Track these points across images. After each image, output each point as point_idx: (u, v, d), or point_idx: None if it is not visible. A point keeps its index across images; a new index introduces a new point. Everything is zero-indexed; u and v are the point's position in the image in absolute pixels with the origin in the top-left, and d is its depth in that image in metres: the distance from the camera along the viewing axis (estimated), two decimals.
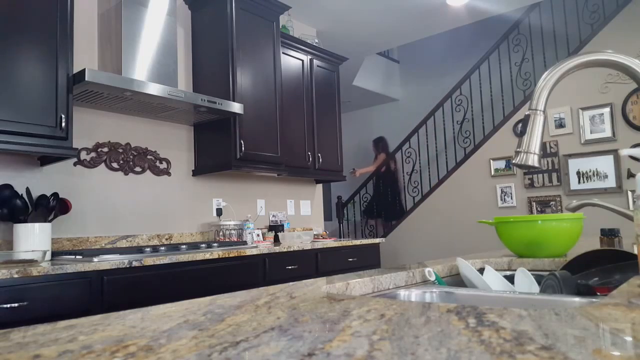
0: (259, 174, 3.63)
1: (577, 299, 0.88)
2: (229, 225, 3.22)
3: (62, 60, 2.31)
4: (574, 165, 4.60)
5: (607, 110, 4.48)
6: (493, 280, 1.14)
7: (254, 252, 2.74)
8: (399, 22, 4.60)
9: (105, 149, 2.85)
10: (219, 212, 3.38)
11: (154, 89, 2.57)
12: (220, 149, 3.17)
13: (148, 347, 0.48)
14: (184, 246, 2.54)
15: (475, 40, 6.47)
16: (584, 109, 4.60)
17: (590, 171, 4.52)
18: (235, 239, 3.19)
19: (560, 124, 4.72)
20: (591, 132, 4.56)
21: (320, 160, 3.95)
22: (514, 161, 0.97)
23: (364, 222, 6.69)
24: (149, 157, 3.06)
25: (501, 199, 5.02)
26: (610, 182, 4.40)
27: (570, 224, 1.41)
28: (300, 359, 0.41)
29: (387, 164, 6.25)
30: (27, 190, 2.36)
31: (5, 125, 2.08)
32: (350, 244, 3.59)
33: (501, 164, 5.06)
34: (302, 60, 3.93)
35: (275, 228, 3.63)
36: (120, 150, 2.91)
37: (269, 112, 3.40)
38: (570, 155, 4.63)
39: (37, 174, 2.54)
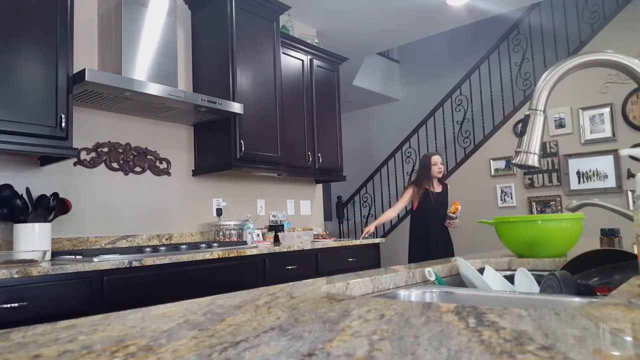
0: (259, 174, 3.63)
1: (577, 299, 0.88)
2: (229, 225, 3.22)
3: (62, 60, 2.30)
4: (574, 165, 4.60)
5: (607, 110, 4.48)
6: (493, 280, 1.14)
7: (254, 252, 2.73)
8: (399, 22, 4.60)
9: (105, 149, 2.85)
10: (219, 212, 3.38)
11: (154, 89, 2.57)
12: (220, 149, 3.17)
13: (148, 347, 0.48)
14: (184, 246, 2.54)
15: (475, 40, 6.47)
16: (584, 109, 4.60)
17: (590, 171, 4.52)
18: (235, 239, 3.19)
19: (560, 124, 4.72)
20: (591, 132, 4.56)
21: (320, 160, 3.95)
22: (514, 161, 0.97)
23: (364, 223, 6.70)
24: (149, 157, 3.06)
25: (501, 199, 5.02)
26: (610, 182, 4.40)
27: (570, 224, 1.41)
28: (300, 359, 0.41)
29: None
30: (27, 190, 2.36)
31: (5, 125, 2.08)
32: (350, 244, 3.59)
33: (501, 164, 5.06)
34: (302, 60, 3.93)
35: (275, 228, 3.63)
36: (120, 150, 2.91)
37: (269, 112, 3.40)
38: (570, 155, 4.62)
39: (37, 174, 2.53)
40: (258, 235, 3.38)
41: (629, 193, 4.29)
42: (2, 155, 2.39)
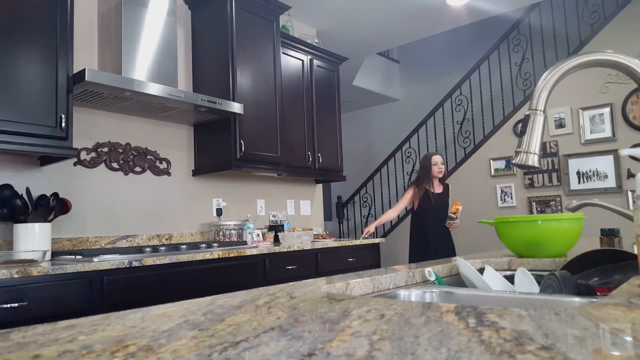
0: (259, 174, 3.63)
1: (577, 299, 0.88)
2: (229, 225, 3.22)
3: (62, 60, 2.30)
4: (574, 165, 4.60)
5: (607, 110, 4.48)
6: (493, 280, 1.14)
7: (254, 252, 2.73)
8: (399, 22, 4.60)
9: (105, 149, 2.85)
10: (219, 212, 3.38)
11: (154, 89, 2.57)
12: (220, 149, 3.17)
13: (148, 347, 0.48)
14: (184, 246, 2.54)
15: (475, 40, 6.47)
16: (584, 109, 4.60)
17: (590, 171, 4.52)
18: (235, 239, 3.19)
19: (560, 124, 4.72)
20: (591, 132, 4.56)
21: (320, 160, 3.95)
22: (514, 161, 0.97)
23: (364, 223, 6.70)
24: (149, 157, 3.06)
25: (501, 199, 5.02)
26: (610, 182, 4.40)
27: (570, 224, 1.41)
28: (300, 359, 0.41)
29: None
30: (27, 190, 2.36)
31: (5, 125, 2.08)
32: (350, 244, 3.59)
33: (501, 164, 5.06)
34: (302, 60, 3.93)
35: (275, 228, 3.63)
36: (120, 150, 2.91)
37: (269, 112, 3.40)
38: (570, 155, 4.62)
39: (37, 174, 2.53)
40: (258, 235, 3.38)
41: (629, 193, 4.29)
42: (2, 155, 2.39)
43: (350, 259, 3.54)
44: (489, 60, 5.47)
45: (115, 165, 2.88)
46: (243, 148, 3.13)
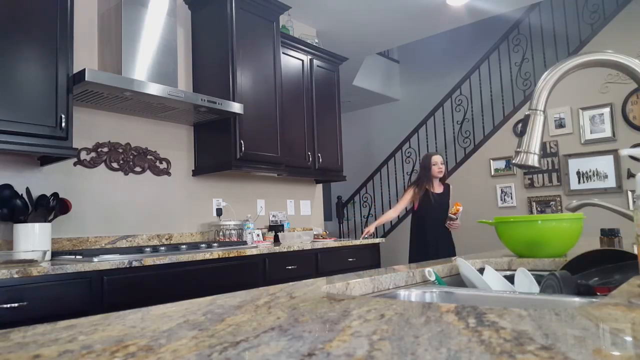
0: (259, 174, 3.63)
1: (577, 299, 0.88)
2: (229, 225, 3.22)
3: (62, 60, 2.30)
4: (574, 165, 4.60)
5: (607, 110, 4.48)
6: (493, 280, 1.14)
7: (254, 252, 2.73)
8: (399, 22, 4.60)
9: (105, 149, 2.85)
10: (219, 212, 3.38)
11: (154, 89, 2.57)
12: (220, 149, 3.17)
13: (148, 347, 0.48)
14: (184, 246, 2.54)
15: (475, 40, 6.47)
16: (584, 109, 4.60)
17: (590, 171, 4.52)
18: (235, 239, 3.19)
19: (560, 124, 4.72)
20: (591, 132, 4.56)
21: (320, 160, 3.95)
22: (514, 161, 0.97)
23: (364, 222, 6.70)
24: (149, 157, 3.06)
25: (501, 199, 5.02)
26: (610, 182, 4.40)
27: (570, 224, 1.41)
28: (300, 359, 0.41)
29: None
30: (27, 190, 2.36)
31: (5, 125, 2.08)
32: (350, 244, 3.59)
33: (501, 164, 5.06)
34: (302, 60, 3.93)
35: (275, 228, 3.63)
36: (120, 150, 2.91)
37: (269, 112, 3.40)
38: (570, 155, 4.62)
39: (37, 174, 2.53)
40: (258, 235, 3.38)
41: (629, 193, 4.29)
42: (2, 155, 2.39)
43: (350, 259, 3.54)
44: (489, 60, 5.47)
45: (115, 165, 2.88)
46: (243, 148, 3.13)
